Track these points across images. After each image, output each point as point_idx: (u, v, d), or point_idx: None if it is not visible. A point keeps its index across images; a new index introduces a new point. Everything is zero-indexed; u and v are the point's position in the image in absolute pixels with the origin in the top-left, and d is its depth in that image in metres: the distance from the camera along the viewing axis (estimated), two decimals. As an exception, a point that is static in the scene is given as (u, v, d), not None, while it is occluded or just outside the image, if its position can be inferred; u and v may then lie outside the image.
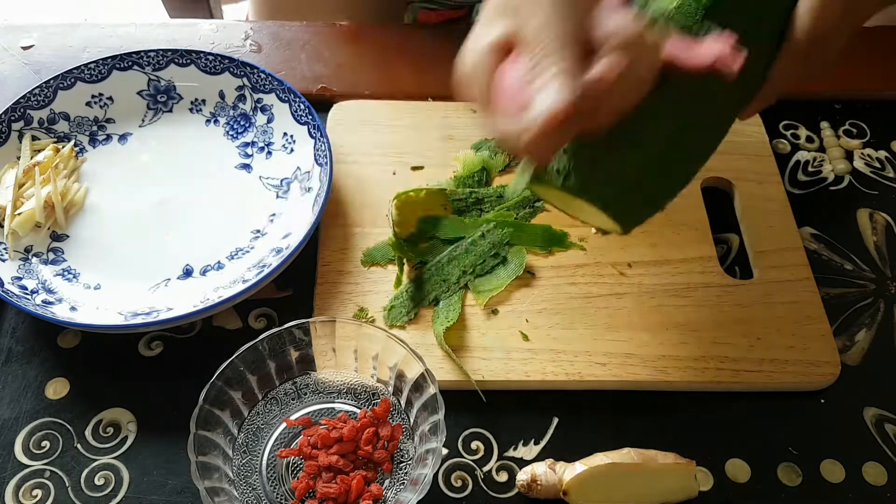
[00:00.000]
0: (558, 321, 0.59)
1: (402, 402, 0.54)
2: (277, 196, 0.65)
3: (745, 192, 0.67)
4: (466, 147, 0.69)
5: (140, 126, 0.69)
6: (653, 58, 0.43)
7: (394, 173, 0.67)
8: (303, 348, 0.55)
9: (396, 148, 0.69)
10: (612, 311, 0.60)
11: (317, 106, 0.67)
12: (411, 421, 0.53)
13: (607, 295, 0.61)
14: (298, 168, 0.66)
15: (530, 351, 0.58)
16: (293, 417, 0.54)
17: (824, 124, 0.74)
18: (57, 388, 0.57)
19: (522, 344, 0.58)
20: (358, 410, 0.55)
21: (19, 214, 0.61)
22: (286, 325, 0.53)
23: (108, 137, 0.69)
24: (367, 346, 0.54)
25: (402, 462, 0.53)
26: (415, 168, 0.68)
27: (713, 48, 0.43)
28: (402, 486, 0.51)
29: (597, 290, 0.61)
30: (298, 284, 0.62)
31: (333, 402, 0.55)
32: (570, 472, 0.51)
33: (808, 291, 0.61)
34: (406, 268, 0.61)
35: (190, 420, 0.49)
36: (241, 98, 0.69)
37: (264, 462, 0.53)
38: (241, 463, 0.52)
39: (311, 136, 0.66)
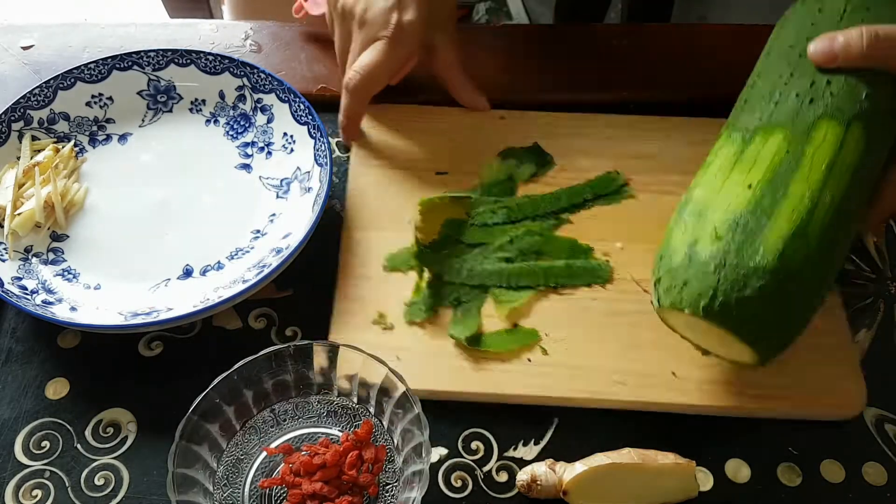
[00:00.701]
0: (579, 336, 0.58)
1: (385, 423, 0.53)
2: (277, 196, 0.65)
3: None
4: (493, 155, 0.68)
5: (140, 126, 0.69)
6: None
7: (418, 178, 0.67)
8: (279, 375, 0.54)
9: (422, 153, 0.68)
10: (634, 329, 0.58)
11: (317, 106, 0.67)
12: (395, 441, 0.53)
13: (630, 312, 0.59)
14: (298, 168, 0.66)
15: (550, 366, 0.57)
16: (273, 445, 0.54)
17: (824, 124, 0.74)
18: (57, 388, 0.57)
19: (542, 358, 0.57)
20: (340, 434, 0.54)
21: (19, 214, 0.61)
22: (260, 353, 0.52)
23: (108, 137, 0.69)
24: (346, 367, 0.53)
25: (388, 484, 0.52)
26: (439, 174, 0.67)
27: None
28: (389, 510, 0.51)
29: (619, 306, 0.60)
30: (298, 284, 0.62)
31: (314, 427, 0.55)
32: (569, 472, 0.51)
33: (834, 316, 0.60)
34: (427, 275, 0.61)
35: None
36: (241, 98, 0.69)
37: (246, 494, 0.52)
38: (222, 497, 0.51)
39: (311, 136, 0.66)
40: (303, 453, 0.52)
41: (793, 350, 0.57)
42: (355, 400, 0.55)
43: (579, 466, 0.51)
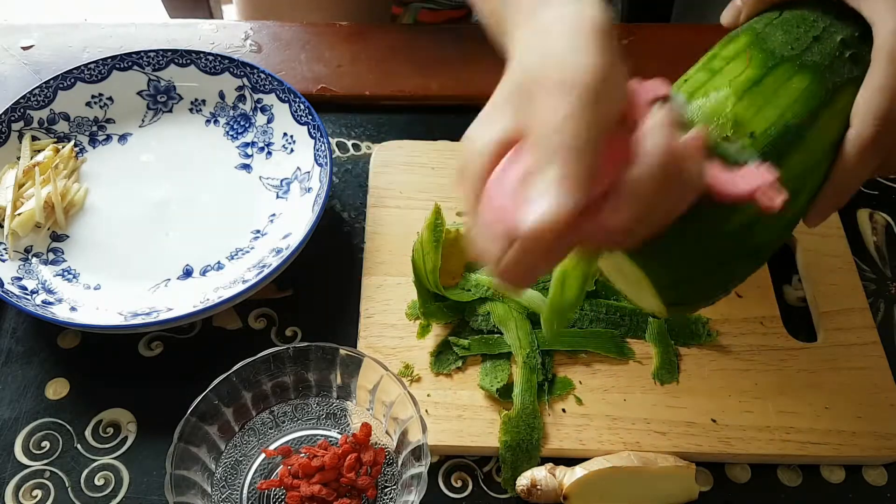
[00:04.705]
0: (614, 384, 0.56)
1: (385, 424, 0.53)
2: (277, 196, 0.65)
3: (807, 247, 0.64)
4: None
5: (140, 126, 0.69)
6: (693, 183, 0.38)
7: None
8: (278, 377, 0.53)
9: (441, 192, 0.65)
10: None
11: (317, 106, 0.67)
12: (394, 444, 0.53)
13: None
14: (298, 168, 0.66)
15: (585, 416, 0.55)
16: (272, 447, 0.53)
17: (824, 124, 0.74)
18: (57, 388, 0.57)
19: (577, 408, 0.55)
20: (338, 436, 0.54)
21: (19, 215, 0.61)
22: (259, 355, 0.52)
23: (108, 137, 0.69)
24: (343, 370, 0.54)
25: (386, 487, 0.52)
26: (461, 214, 0.64)
27: (754, 179, 0.39)
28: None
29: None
30: (298, 284, 0.62)
31: (313, 429, 0.54)
32: (570, 476, 0.51)
33: (876, 356, 0.58)
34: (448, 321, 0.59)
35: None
36: (241, 98, 0.69)
37: (245, 495, 0.52)
38: (220, 498, 0.51)
39: (311, 136, 0.66)
40: (301, 455, 0.52)
41: (836, 397, 0.56)
42: (354, 402, 0.55)
43: (579, 471, 0.51)
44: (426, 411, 0.55)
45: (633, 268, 0.43)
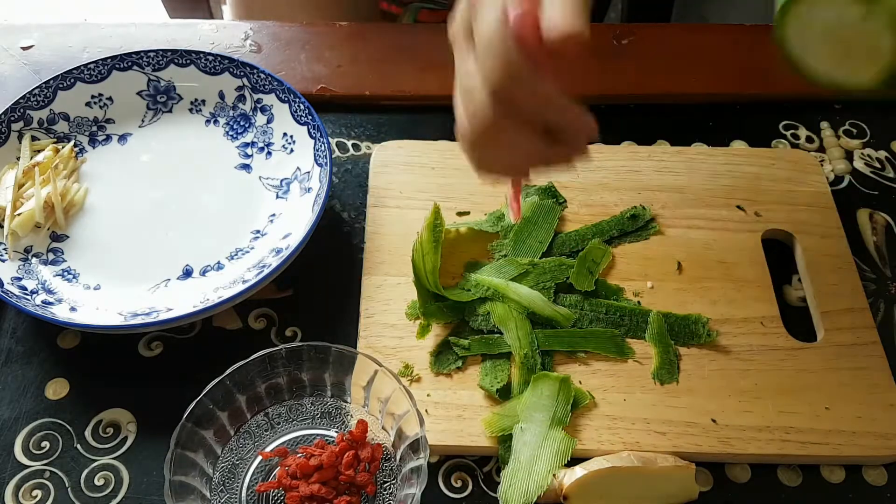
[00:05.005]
0: (613, 384, 0.56)
1: (381, 420, 0.53)
2: (277, 196, 0.65)
3: (807, 247, 0.64)
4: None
5: (140, 126, 0.69)
6: None
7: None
8: (271, 378, 0.53)
9: (441, 192, 0.66)
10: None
11: (317, 106, 0.67)
12: (391, 439, 0.52)
13: None
14: (298, 168, 0.66)
15: (585, 417, 0.55)
16: (268, 449, 0.53)
17: (824, 124, 0.74)
18: (57, 389, 0.57)
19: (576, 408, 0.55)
20: (335, 434, 0.54)
21: (19, 215, 0.61)
22: (252, 357, 0.52)
23: (108, 138, 0.69)
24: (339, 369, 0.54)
25: (386, 482, 0.52)
26: (461, 214, 0.65)
27: None
28: (389, 508, 0.51)
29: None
30: (298, 284, 0.62)
31: (308, 429, 0.54)
32: (569, 476, 0.51)
33: (876, 356, 0.58)
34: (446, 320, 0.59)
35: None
36: (241, 98, 0.69)
37: (244, 498, 0.51)
38: (220, 502, 0.51)
39: (311, 136, 0.66)
40: (298, 455, 0.52)
41: (836, 397, 0.56)
42: (349, 399, 0.55)
43: (579, 471, 0.51)
44: (426, 411, 0.55)
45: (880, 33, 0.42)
